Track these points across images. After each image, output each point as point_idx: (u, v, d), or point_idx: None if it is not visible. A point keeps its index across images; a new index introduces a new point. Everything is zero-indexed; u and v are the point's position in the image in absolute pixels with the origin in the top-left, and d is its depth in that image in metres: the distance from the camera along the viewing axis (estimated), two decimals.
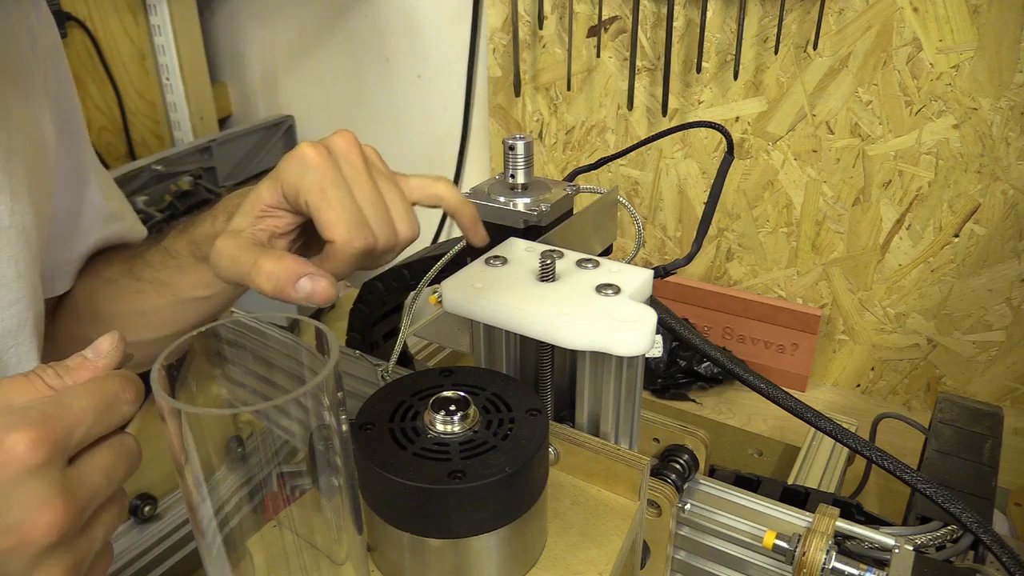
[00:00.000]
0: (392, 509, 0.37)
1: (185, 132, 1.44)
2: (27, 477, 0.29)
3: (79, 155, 0.60)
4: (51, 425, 0.30)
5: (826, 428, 0.51)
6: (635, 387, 0.48)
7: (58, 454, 0.30)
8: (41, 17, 0.56)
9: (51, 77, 0.57)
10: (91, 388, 0.33)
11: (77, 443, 0.31)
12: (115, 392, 0.33)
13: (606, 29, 1.10)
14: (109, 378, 0.34)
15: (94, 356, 0.35)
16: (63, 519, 0.30)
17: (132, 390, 0.34)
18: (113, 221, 0.63)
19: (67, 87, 0.59)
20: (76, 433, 0.31)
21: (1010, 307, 0.97)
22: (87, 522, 0.32)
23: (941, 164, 0.95)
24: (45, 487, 0.29)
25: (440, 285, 0.47)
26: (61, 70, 0.58)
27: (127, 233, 0.65)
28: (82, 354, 0.35)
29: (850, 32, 0.94)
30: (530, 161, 0.54)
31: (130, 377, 0.34)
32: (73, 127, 0.59)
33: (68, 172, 0.59)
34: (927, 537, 0.52)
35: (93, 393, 0.32)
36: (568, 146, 1.21)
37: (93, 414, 0.32)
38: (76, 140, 0.60)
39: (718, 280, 1.17)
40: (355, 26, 1.37)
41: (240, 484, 0.33)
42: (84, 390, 0.33)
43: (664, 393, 1.08)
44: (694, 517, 0.52)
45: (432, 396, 0.39)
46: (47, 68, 0.56)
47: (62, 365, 0.34)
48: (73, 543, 0.31)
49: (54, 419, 0.30)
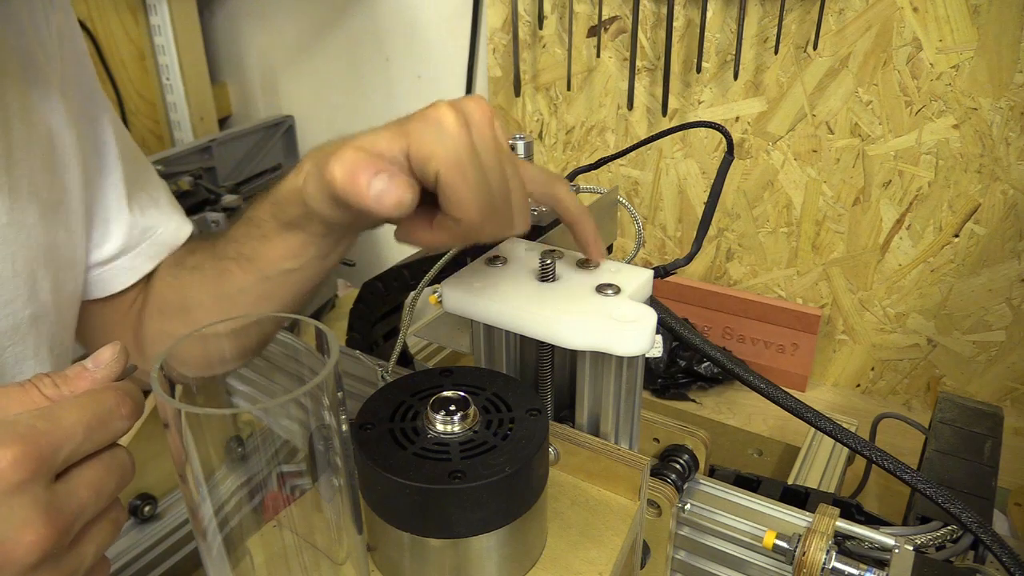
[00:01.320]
0: (392, 509, 0.37)
1: (185, 132, 1.44)
2: (9, 495, 0.28)
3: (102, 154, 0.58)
4: (38, 441, 0.29)
5: (826, 428, 0.51)
6: (635, 387, 0.48)
7: (43, 471, 0.29)
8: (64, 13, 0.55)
9: (70, 73, 0.56)
10: (85, 402, 0.32)
11: (65, 459, 0.30)
12: (109, 407, 0.32)
13: (606, 29, 1.10)
14: (106, 391, 0.33)
15: (94, 367, 0.33)
16: (46, 538, 0.29)
17: (128, 404, 0.33)
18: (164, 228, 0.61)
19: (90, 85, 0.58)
20: (64, 449, 0.30)
21: (1010, 307, 0.97)
22: (76, 538, 0.31)
23: (941, 164, 0.95)
24: (28, 505, 0.29)
25: (440, 285, 0.47)
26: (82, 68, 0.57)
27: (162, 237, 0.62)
28: (82, 364, 0.34)
29: (850, 32, 0.94)
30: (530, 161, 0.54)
31: (128, 390, 0.33)
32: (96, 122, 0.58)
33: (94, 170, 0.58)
34: (927, 537, 0.52)
35: (86, 407, 0.31)
36: (568, 146, 1.21)
37: (84, 430, 0.31)
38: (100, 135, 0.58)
39: (718, 280, 1.17)
40: (355, 26, 1.37)
41: (240, 484, 0.33)
42: (77, 404, 0.31)
43: (664, 393, 1.08)
44: (694, 517, 0.52)
45: (432, 396, 0.39)
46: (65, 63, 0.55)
47: (60, 375, 0.33)
48: (60, 561, 0.30)
49: (41, 434, 0.29)
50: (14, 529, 0.28)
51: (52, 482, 0.30)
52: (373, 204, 0.35)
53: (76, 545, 0.31)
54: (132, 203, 0.60)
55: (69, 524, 0.30)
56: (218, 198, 1.21)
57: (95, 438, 0.31)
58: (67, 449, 0.30)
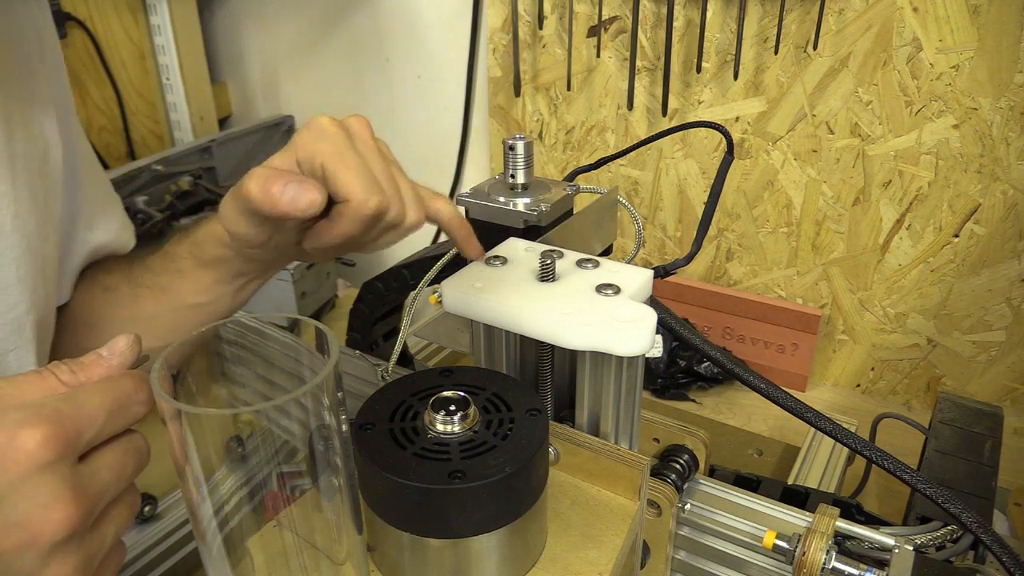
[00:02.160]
0: (392, 509, 0.37)
1: (185, 132, 1.44)
2: (37, 474, 0.29)
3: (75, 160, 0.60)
4: (63, 423, 0.30)
5: (826, 428, 0.51)
6: (635, 387, 0.48)
7: (69, 452, 0.30)
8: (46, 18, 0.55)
9: (53, 80, 0.56)
10: (105, 387, 0.33)
11: (88, 442, 0.31)
12: (128, 392, 0.33)
13: (606, 29, 1.10)
14: (123, 378, 0.34)
15: (109, 355, 0.35)
16: (73, 516, 0.30)
17: (145, 390, 0.34)
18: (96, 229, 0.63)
19: (65, 91, 0.59)
20: (88, 432, 0.31)
21: (1010, 307, 0.97)
22: (97, 519, 0.32)
23: (941, 164, 0.95)
24: (55, 484, 0.30)
25: (440, 285, 0.47)
26: (60, 74, 0.58)
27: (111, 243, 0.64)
28: (97, 352, 0.35)
29: (850, 32, 0.94)
30: (530, 161, 0.54)
31: (144, 378, 0.34)
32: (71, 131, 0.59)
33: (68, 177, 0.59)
34: (927, 537, 0.53)
35: (107, 392, 0.32)
36: (568, 146, 1.21)
37: (106, 414, 0.32)
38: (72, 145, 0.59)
39: (718, 280, 1.17)
40: (355, 26, 1.37)
41: (240, 484, 0.33)
42: (98, 389, 0.32)
43: (664, 393, 1.08)
44: (694, 517, 0.52)
45: (432, 396, 0.39)
46: (50, 71, 0.56)
47: (77, 362, 0.34)
48: (83, 540, 0.31)
49: (66, 417, 0.30)
50: (42, 507, 0.29)
51: (76, 463, 0.31)
52: (289, 208, 0.39)
53: (98, 526, 0.32)
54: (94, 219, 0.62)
55: (93, 504, 0.31)
56: (218, 198, 1.21)
57: (116, 422, 0.32)
58: (90, 432, 0.31)
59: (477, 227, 0.53)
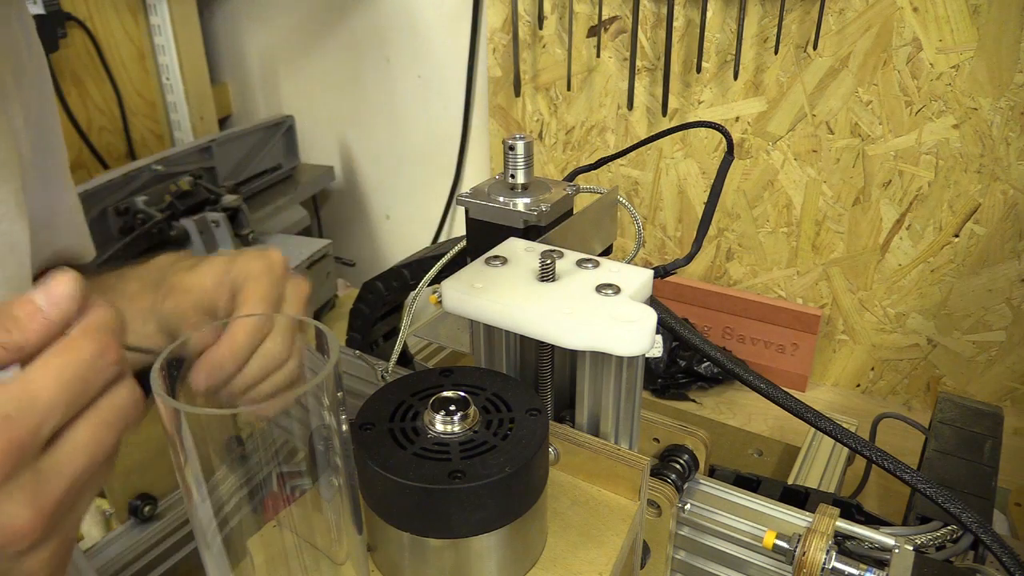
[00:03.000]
0: (392, 509, 0.37)
1: (185, 132, 1.44)
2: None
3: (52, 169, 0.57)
4: (12, 431, 0.25)
5: (826, 428, 0.51)
6: (635, 387, 0.48)
7: (26, 459, 0.26)
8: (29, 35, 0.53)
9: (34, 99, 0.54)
10: (59, 365, 0.27)
11: (48, 434, 0.27)
12: (89, 359, 0.27)
13: (606, 29, 1.10)
14: (81, 340, 0.27)
15: (47, 304, 0.27)
16: (38, 525, 0.27)
17: (113, 345, 0.28)
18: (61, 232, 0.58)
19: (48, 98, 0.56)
20: (45, 427, 0.26)
21: (1010, 307, 0.97)
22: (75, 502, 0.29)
23: (941, 164, 0.95)
24: (16, 498, 0.26)
25: (440, 285, 0.47)
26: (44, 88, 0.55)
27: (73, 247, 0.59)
28: (31, 300, 0.27)
29: (850, 32, 0.94)
30: (530, 161, 0.53)
31: (107, 326, 0.28)
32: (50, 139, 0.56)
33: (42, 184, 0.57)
34: (927, 537, 0.52)
35: (62, 371, 0.27)
36: (568, 146, 1.21)
37: (65, 400, 0.27)
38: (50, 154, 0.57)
39: (718, 280, 1.17)
40: (355, 26, 1.37)
41: (240, 484, 0.33)
42: (51, 371, 0.27)
43: (664, 393, 1.08)
44: (694, 517, 0.52)
45: (432, 396, 0.39)
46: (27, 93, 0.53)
47: (9, 318, 0.27)
48: (58, 528, 0.28)
49: (16, 423, 0.26)
50: (4, 525, 0.26)
51: (39, 458, 0.27)
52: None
53: (74, 507, 0.29)
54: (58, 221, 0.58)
55: (61, 498, 0.28)
56: (218, 198, 1.21)
57: (81, 400, 0.27)
58: (49, 425, 0.27)
59: (477, 227, 0.53)
